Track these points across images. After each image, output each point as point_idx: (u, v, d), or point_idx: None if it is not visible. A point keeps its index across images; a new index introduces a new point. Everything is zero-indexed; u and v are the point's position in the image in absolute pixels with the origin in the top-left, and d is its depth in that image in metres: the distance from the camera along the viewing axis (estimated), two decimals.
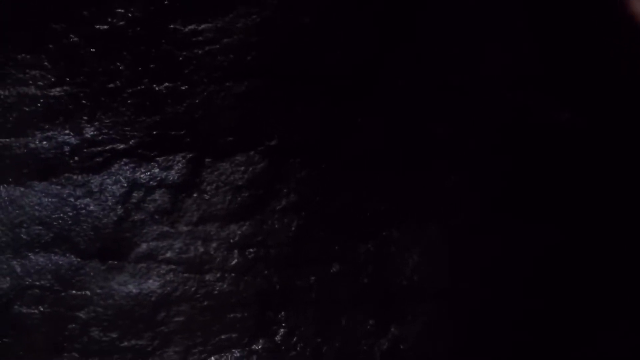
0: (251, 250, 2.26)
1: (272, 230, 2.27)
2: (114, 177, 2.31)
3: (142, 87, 2.27)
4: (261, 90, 2.26)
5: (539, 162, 2.25)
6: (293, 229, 2.27)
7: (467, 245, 2.27)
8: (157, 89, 2.27)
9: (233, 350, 2.26)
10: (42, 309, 2.31)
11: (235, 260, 2.26)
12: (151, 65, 2.27)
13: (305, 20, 2.24)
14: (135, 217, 2.30)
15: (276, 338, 2.25)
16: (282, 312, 2.26)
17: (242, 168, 2.27)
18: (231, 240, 2.27)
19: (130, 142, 2.30)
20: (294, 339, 2.25)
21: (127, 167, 2.30)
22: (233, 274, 2.26)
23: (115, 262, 2.30)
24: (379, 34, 2.27)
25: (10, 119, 2.32)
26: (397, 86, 2.25)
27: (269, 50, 2.24)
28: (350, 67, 2.26)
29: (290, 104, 2.26)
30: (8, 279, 2.31)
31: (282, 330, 2.25)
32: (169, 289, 2.28)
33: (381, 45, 2.27)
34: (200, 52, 2.25)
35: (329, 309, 2.27)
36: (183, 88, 2.26)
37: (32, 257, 2.32)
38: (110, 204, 2.30)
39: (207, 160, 2.28)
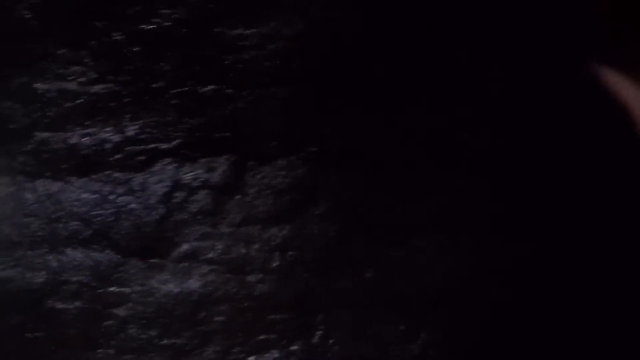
0: (291, 253, 2.13)
1: (311, 235, 2.13)
2: (156, 177, 2.14)
3: (187, 88, 2.11)
4: (304, 97, 2.11)
5: (566, 173, 2.16)
6: (331, 234, 2.14)
7: (495, 254, 2.16)
8: (201, 91, 2.11)
9: (272, 351, 2.13)
10: (78, 305, 2.14)
11: (276, 263, 2.12)
12: (196, 68, 2.10)
13: (348, 30, 2.10)
14: (178, 217, 2.14)
15: (313, 340, 2.12)
16: (319, 315, 2.13)
17: (284, 172, 2.12)
18: (272, 243, 2.13)
19: (174, 143, 2.13)
20: (330, 342, 2.12)
21: (170, 167, 2.14)
22: (274, 276, 2.12)
23: (156, 261, 2.14)
24: (417, 47, 2.14)
25: (49, 113, 2.13)
26: (434, 97, 2.13)
27: (312, 58, 2.10)
28: (391, 77, 2.13)
29: (331, 112, 2.12)
30: (43, 273, 2.13)
31: (319, 332, 2.12)
32: (210, 288, 2.13)
33: (418, 58, 2.14)
34: (245, 56, 2.09)
35: (363, 313, 2.14)
36: (228, 91, 2.10)
37: (69, 252, 2.14)
38: (152, 202, 2.14)
39: (249, 163, 2.13)
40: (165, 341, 2.09)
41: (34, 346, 2.12)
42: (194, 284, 2.08)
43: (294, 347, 2.09)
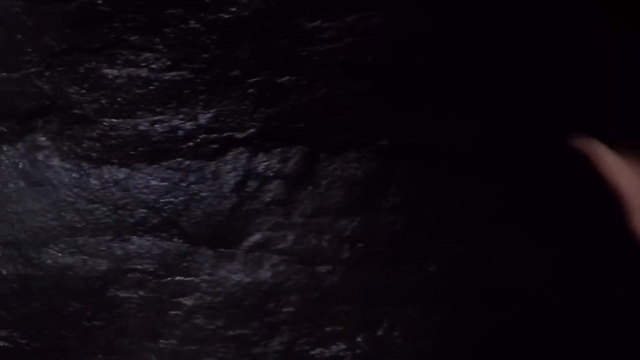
0: (360, 245, 1.96)
1: (379, 228, 1.97)
2: (229, 165, 1.96)
3: (263, 78, 1.94)
4: (378, 91, 1.96)
5: None
6: (397, 227, 1.98)
7: (554, 252, 2.03)
8: (277, 81, 1.94)
9: (338, 342, 1.95)
10: (142, 294, 1.93)
11: (346, 254, 1.95)
12: (273, 58, 1.93)
13: (423, 26, 1.95)
14: (250, 206, 1.96)
15: (378, 332, 1.96)
16: (385, 308, 1.96)
17: (355, 165, 1.96)
18: (342, 235, 1.96)
19: (248, 132, 1.96)
20: (395, 334, 1.96)
21: (243, 156, 1.95)
22: (343, 268, 1.95)
23: (227, 250, 1.95)
24: (487, 45, 2.01)
25: (119, 99, 1.93)
26: (501, 96, 1.99)
27: (387, 52, 1.95)
28: (462, 75, 1.98)
29: (403, 107, 1.97)
30: (105, 261, 1.92)
31: (384, 325, 1.96)
32: (280, 279, 1.94)
33: (488, 56, 2.00)
34: (322, 49, 1.92)
35: (426, 306, 1.98)
36: (303, 83, 1.93)
37: (135, 240, 1.93)
38: (224, 191, 1.95)
39: (322, 154, 1.97)
40: (231, 332, 1.90)
41: (91, 335, 1.91)
42: (264, 274, 1.90)
43: (359, 339, 1.92)
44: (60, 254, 1.90)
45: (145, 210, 1.89)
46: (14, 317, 1.90)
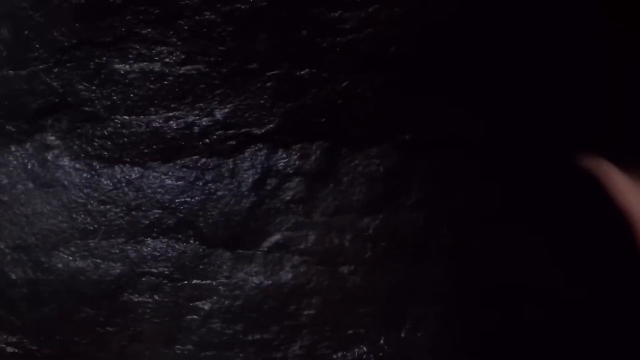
0: (383, 243, 1.75)
1: (401, 225, 1.75)
2: (247, 163, 1.74)
3: (281, 71, 1.72)
4: (398, 83, 1.75)
5: None
6: (420, 224, 1.76)
7: (567, 248, 1.80)
8: (297, 74, 1.72)
9: (361, 345, 1.74)
10: (157, 298, 1.71)
11: (369, 254, 1.74)
12: (292, 49, 1.71)
13: (445, 16, 1.74)
14: (269, 205, 1.74)
15: (402, 333, 1.74)
16: (409, 307, 1.75)
17: (377, 161, 1.75)
18: (365, 233, 1.74)
19: (267, 127, 1.74)
20: (419, 334, 1.75)
21: (262, 153, 1.74)
22: (366, 268, 1.73)
23: (245, 252, 1.73)
24: (507, 37, 1.79)
25: (131, 95, 1.72)
26: (520, 87, 1.78)
27: (409, 43, 1.73)
28: (481, 65, 1.77)
29: (424, 99, 1.76)
30: (119, 264, 1.71)
31: (408, 325, 1.74)
32: (301, 280, 1.73)
33: (508, 48, 1.79)
34: (343, 40, 1.71)
35: (450, 305, 1.77)
36: (324, 75, 1.72)
37: (149, 242, 1.72)
38: (242, 190, 1.73)
39: (343, 150, 1.75)
40: (250, 337, 1.68)
41: (104, 341, 1.69)
42: (285, 276, 1.69)
43: (382, 341, 1.70)
44: (71, 258, 1.69)
45: (159, 211, 1.67)
46: (24, 322, 1.69)
